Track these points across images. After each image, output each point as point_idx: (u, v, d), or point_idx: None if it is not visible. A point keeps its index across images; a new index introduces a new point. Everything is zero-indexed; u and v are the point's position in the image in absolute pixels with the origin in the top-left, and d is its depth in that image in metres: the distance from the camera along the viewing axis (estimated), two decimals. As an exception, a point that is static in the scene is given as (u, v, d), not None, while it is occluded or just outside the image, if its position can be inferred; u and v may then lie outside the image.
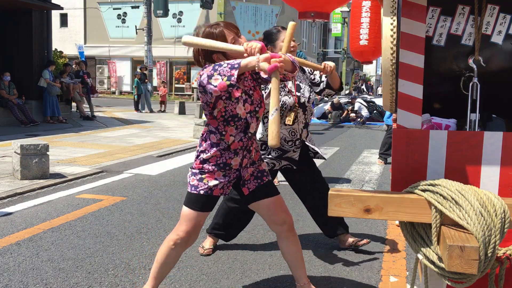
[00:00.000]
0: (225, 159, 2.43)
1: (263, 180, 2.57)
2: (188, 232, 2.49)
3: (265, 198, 2.55)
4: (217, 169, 2.44)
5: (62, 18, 30.87)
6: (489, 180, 1.99)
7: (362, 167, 7.46)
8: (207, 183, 2.44)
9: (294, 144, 3.31)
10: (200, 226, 2.54)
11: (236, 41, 2.39)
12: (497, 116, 2.35)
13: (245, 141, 2.44)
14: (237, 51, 2.31)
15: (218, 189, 2.47)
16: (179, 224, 2.52)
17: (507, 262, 1.80)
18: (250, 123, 2.43)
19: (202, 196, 2.45)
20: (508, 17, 2.18)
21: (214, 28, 2.42)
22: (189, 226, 2.49)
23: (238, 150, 2.44)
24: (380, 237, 3.95)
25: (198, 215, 2.49)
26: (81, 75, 14.09)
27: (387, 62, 2.08)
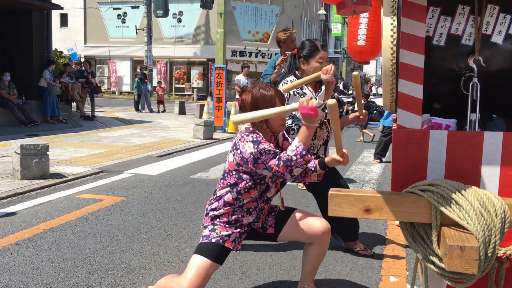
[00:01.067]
0: (237, 217, 2.43)
1: (275, 211, 2.58)
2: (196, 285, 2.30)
3: (288, 220, 2.54)
4: (228, 225, 2.43)
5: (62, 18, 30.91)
6: (489, 180, 1.99)
7: (362, 167, 7.46)
8: (220, 233, 2.42)
9: None
10: (207, 279, 2.36)
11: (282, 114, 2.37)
12: (497, 116, 2.35)
13: (260, 203, 2.46)
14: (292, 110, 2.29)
15: (230, 241, 2.43)
16: (186, 274, 2.34)
17: (507, 262, 1.80)
18: (270, 188, 2.45)
19: (214, 244, 2.41)
20: (508, 17, 2.19)
21: (267, 90, 2.41)
22: (198, 278, 2.30)
23: (251, 210, 2.45)
24: (380, 237, 3.95)
25: (209, 265, 2.35)
26: (86, 75, 14.08)
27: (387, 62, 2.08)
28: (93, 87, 14.42)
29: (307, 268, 2.61)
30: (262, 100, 2.38)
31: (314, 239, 2.51)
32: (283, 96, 2.45)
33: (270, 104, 2.37)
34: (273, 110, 2.27)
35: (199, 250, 2.40)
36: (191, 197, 5.17)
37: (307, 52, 3.26)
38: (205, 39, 27.87)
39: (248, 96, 2.43)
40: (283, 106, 2.38)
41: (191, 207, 4.74)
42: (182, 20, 28.12)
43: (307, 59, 3.25)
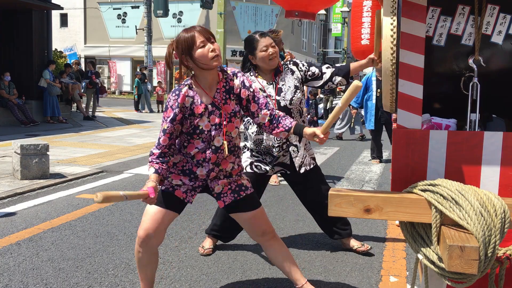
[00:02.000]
0: (190, 166, 2.44)
1: (240, 195, 2.52)
2: (146, 229, 2.40)
3: (243, 212, 2.54)
4: (182, 174, 2.45)
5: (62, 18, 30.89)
6: (489, 180, 1.99)
7: (362, 167, 7.45)
8: (171, 181, 2.46)
9: (281, 148, 3.27)
10: (161, 224, 2.42)
11: (206, 45, 2.29)
12: (497, 116, 2.35)
13: (208, 153, 2.40)
14: None
15: (181, 191, 2.46)
16: (140, 225, 2.46)
17: (507, 262, 1.80)
18: (215, 136, 2.39)
19: (163, 191, 2.45)
20: (508, 17, 2.18)
21: (187, 31, 2.34)
22: (147, 223, 2.40)
23: (200, 161, 2.42)
24: (380, 237, 3.94)
25: (157, 210, 2.41)
26: (90, 76, 14.07)
27: (387, 62, 2.08)
28: (98, 87, 14.41)
29: (284, 271, 2.65)
30: (183, 40, 2.31)
31: (256, 239, 2.64)
32: (206, 31, 2.34)
33: (191, 42, 2.29)
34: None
35: None
36: (191, 197, 5.16)
37: (249, 48, 3.26)
38: (205, 39, 27.83)
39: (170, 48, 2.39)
40: None
41: (191, 207, 4.74)
42: (182, 20, 28.10)
43: (253, 54, 3.24)
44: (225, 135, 2.40)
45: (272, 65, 3.24)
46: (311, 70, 3.34)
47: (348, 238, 3.54)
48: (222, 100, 2.40)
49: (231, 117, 2.42)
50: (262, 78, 3.29)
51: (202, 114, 2.36)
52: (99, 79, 14.85)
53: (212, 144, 2.39)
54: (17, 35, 12.11)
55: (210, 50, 2.29)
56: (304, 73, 3.33)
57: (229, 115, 2.41)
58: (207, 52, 2.28)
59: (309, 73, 3.33)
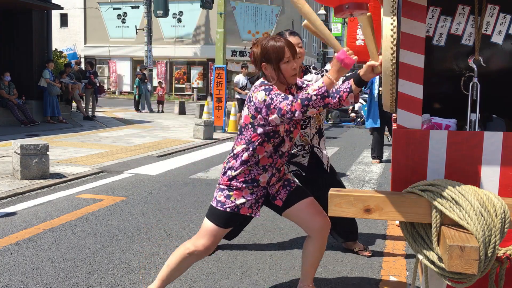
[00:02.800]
0: (253, 175, 2.42)
1: (292, 187, 2.56)
2: (207, 247, 2.48)
3: (300, 202, 2.53)
4: (244, 186, 2.41)
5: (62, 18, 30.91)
6: (489, 180, 1.99)
7: (362, 167, 7.46)
8: (234, 201, 2.41)
9: (303, 148, 3.26)
10: (218, 241, 2.54)
11: (291, 62, 2.35)
12: (497, 116, 2.35)
13: (275, 158, 2.43)
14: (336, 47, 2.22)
15: (246, 208, 2.43)
16: (199, 236, 2.50)
17: (507, 262, 1.80)
18: (284, 142, 2.43)
19: (227, 213, 2.43)
20: (508, 17, 2.18)
21: (276, 41, 2.37)
22: (209, 241, 2.47)
23: (267, 167, 2.43)
24: (380, 237, 3.94)
25: (220, 231, 2.47)
26: (88, 76, 14.07)
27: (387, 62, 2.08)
28: (96, 87, 14.41)
29: (305, 267, 2.63)
30: (272, 49, 2.34)
31: (311, 232, 2.54)
32: (293, 47, 2.38)
33: (281, 54, 2.32)
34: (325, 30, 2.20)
35: (211, 216, 2.47)
36: (191, 197, 5.17)
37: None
38: (205, 39, 27.87)
39: (258, 49, 2.40)
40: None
41: (191, 207, 4.74)
42: (182, 20, 28.12)
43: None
44: (290, 141, 2.47)
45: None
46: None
47: (353, 242, 3.55)
48: None
49: (296, 123, 2.48)
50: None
51: None
52: (97, 78, 14.85)
53: (279, 149, 2.43)
54: (17, 35, 12.11)
55: (292, 68, 2.36)
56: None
57: (295, 122, 2.46)
58: (290, 70, 2.36)
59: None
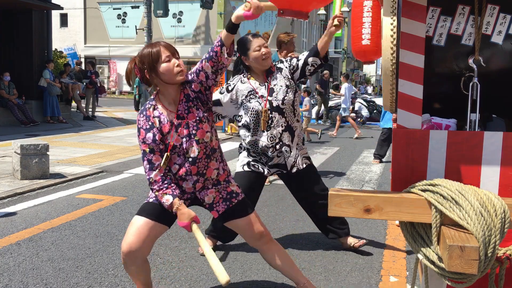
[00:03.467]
0: (176, 181, 2.42)
1: (232, 202, 2.52)
2: (129, 244, 2.31)
3: (237, 219, 2.52)
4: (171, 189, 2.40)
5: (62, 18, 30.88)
6: (489, 180, 1.99)
7: (362, 167, 7.45)
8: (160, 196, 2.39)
9: (275, 149, 3.26)
10: (146, 238, 2.33)
11: (171, 60, 2.31)
12: (497, 116, 2.35)
13: (187, 166, 2.38)
14: None
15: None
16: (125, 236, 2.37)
17: (507, 262, 1.80)
18: (188, 148, 2.36)
19: (150, 203, 2.41)
20: (508, 17, 2.18)
21: (151, 46, 2.34)
22: (131, 237, 2.31)
23: (184, 176, 2.40)
24: (380, 237, 3.94)
25: (142, 222, 2.34)
26: (89, 75, 14.07)
27: (387, 62, 2.08)
28: (97, 87, 14.41)
29: (284, 272, 2.65)
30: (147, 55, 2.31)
31: (253, 244, 2.61)
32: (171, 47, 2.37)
33: (156, 57, 2.29)
34: None
35: (139, 210, 2.43)
36: (191, 197, 5.16)
37: (242, 49, 3.27)
38: (205, 39, 27.85)
39: (131, 63, 2.39)
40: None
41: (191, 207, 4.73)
42: (182, 20, 28.10)
43: (245, 54, 3.26)
44: (198, 143, 2.37)
45: (265, 65, 3.25)
46: (291, 63, 3.33)
47: (345, 237, 3.54)
48: (185, 110, 2.38)
49: (198, 123, 2.38)
50: (255, 79, 3.29)
51: (170, 130, 2.35)
52: (98, 79, 14.85)
53: (188, 156, 2.37)
54: (17, 35, 12.10)
55: (175, 65, 2.31)
56: (288, 68, 3.33)
57: (196, 123, 2.38)
58: (173, 67, 2.31)
59: (291, 67, 3.32)
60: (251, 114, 3.22)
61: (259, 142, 3.25)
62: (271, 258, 2.62)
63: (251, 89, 3.25)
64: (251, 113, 3.22)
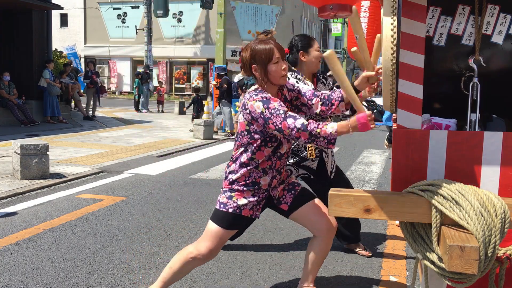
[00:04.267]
0: (254, 178, 2.43)
1: (296, 190, 2.57)
2: (210, 250, 2.47)
3: (305, 204, 2.54)
4: (246, 189, 2.43)
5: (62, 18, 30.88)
6: (489, 180, 1.99)
7: (362, 167, 7.45)
8: (236, 202, 2.43)
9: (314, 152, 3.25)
10: (222, 244, 2.52)
11: (280, 62, 2.36)
12: (497, 116, 2.35)
13: (273, 160, 2.44)
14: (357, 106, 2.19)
15: (248, 209, 2.44)
16: (202, 239, 2.49)
17: (507, 262, 1.80)
18: (282, 144, 2.44)
19: (230, 214, 2.43)
20: (509, 17, 2.18)
21: (265, 43, 2.38)
22: (213, 244, 2.46)
23: (267, 169, 2.43)
24: (380, 237, 3.94)
25: (224, 233, 2.46)
26: (90, 75, 14.06)
27: (387, 62, 2.08)
28: (98, 87, 14.41)
29: (308, 266, 2.64)
30: (260, 51, 2.36)
31: (317, 232, 2.58)
32: (282, 49, 2.41)
33: (269, 56, 2.34)
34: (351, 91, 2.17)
35: (215, 218, 2.47)
36: (191, 197, 5.17)
37: (303, 44, 3.28)
38: (205, 39, 27.86)
39: (246, 52, 2.42)
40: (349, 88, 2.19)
41: (191, 207, 4.74)
42: (182, 20, 28.10)
43: (306, 50, 3.27)
44: (288, 142, 2.47)
45: (318, 67, 3.29)
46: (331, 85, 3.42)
47: (355, 244, 3.55)
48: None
49: None
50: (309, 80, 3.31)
51: None
52: (99, 78, 14.85)
53: (277, 151, 2.43)
54: (17, 35, 12.10)
55: (282, 68, 2.37)
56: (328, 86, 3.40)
57: None
58: (280, 70, 2.37)
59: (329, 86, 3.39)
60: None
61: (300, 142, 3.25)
62: (316, 247, 2.61)
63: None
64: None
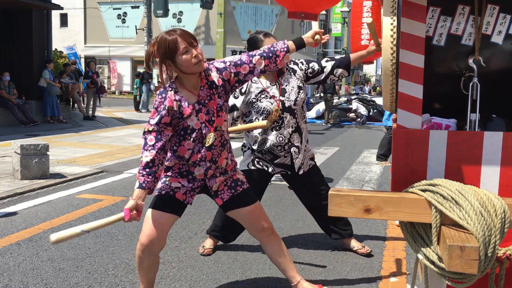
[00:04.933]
0: (187, 167, 2.43)
1: (237, 190, 2.54)
2: (149, 235, 2.39)
3: (241, 208, 2.54)
4: (180, 176, 2.44)
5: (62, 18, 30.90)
6: (489, 180, 1.99)
7: (362, 167, 7.45)
8: (170, 184, 2.44)
9: (283, 149, 3.25)
10: (163, 230, 2.42)
11: (189, 50, 2.28)
12: (497, 116, 2.35)
13: (203, 152, 2.39)
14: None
15: (181, 193, 2.45)
16: (142, 230, 2.44)
17: (507, 262, 1.80)
18: (205, 134, 2.38)
19: (163, 195, 2.43)
20: (508, 17, 2.18)
21: (169, 34, 2.31)
22: (150, 229, 2.39)
23: (197, 162, 2.41)
24: (380, 237, 3.94)
25: (157, 214, 2.40)
26: (91, 75, 14.07)
27: (387, 62, 2.08)
28: (98, 87, 14.41)
29: (280, 268, 2.67)
30: (165, 46, 2.28)
31: (254, 236, 2.63)
32: (188, 35, 2.33)
33: (174, 49, 2.27)
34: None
35: (151, 204, 2.45)
36: (191, 197, 5.16)
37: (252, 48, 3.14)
38: (205, 39, 27.87)
39: (152, 47, 2.35)
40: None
41: (191, 207, 4.74)
42: (182, 20, 28.10)
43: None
44: (216, 130, 2.40)
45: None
46: (311, 67, 3.31)
47: (349, 239, 3.54)
48: (207, 97, 2.40)
49: (218, 111, 2.41)
50: (265, 78, 3.28)
51: (191, 114, 2.35)
52: (99, 78, 14.85)
53: (204, 142, 2.39)
54: (17, 35, 12.10)
55: (193, 56, 2.29)
56: (305, 71, 3.31)
57: (216, 110, 2.40)
58: (190, 58, 2.28)
59: (309, 70, 3.31)
60: (262, 113, 3.21)
61: (267, 141, 3.25)
62: (270, 251, 2.63)
63: (262, 89, 3.24)
64: (263, 112, 3.21)
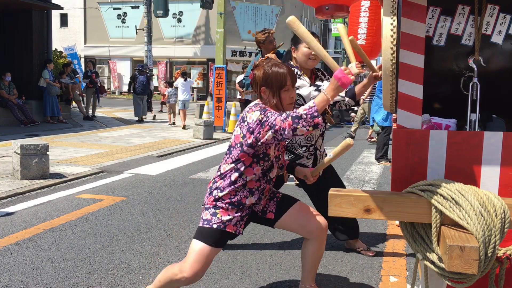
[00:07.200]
0: (240, 197, 2.39)
1: (277, 197, 2.56)
2: (196, 271, 2.34)
3: (290, 209, 2.52)
4: (230, 207, 2.38)
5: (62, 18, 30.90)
6: (489, 180, 1.99)
7: (362, 167, 7.45)
8: (221, 218, 2.37)
9: (308, 150, 3.26)
10: (208, 264, 2.39)
11: (289, 90, 2.37)
12: (497, 116, 2.35)
13: (263, 182, 2.42)
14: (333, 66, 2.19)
15: (231, 225, 2.39)
16: (188, 260, 2.36)
17: (507, 262, 1.80)
18: (273, 167, 2.43)
19: (215, 230, 2.37)
20: (508, 17, 2.18)
21: (278, 67, 2.37)
22: (199, 264, 2.34)
23: (254, 190, 2.40)
24: (380, 237, 3.95)
25: (210, 250, 2.35)
26: (90, 75, 14.07)
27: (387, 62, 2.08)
28: (98, 87, 14.41)
29: (306, 267, 2.61)
30: (274, 76, 2.35)
31: (309, 234, 2.53)
32: (294, 76, 2.41)
33: (282, 82, 2.34)
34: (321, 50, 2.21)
35: (200, 235, 2.38)
36: (191, 197, 5.17)
37: (295, 40, 3.30)
38: (205, 39, 27.87)
39: (260, 71, 2.40)
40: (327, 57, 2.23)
41: (191, 207, 4.74)
42: (182, 20, 28.11)
43: (296, 46, 3.29)
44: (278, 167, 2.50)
45: (309, 65, 3.26)
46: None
47: (355, 240, 3.55)
48: None
49: (283, 151, 2.54)
50: (307, 76, 3.29)
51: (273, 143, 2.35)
52: (98, 78, 14.85)
53: (267, 174, 2.42)
54: (17, 35, 12.11)
55: (290, 96, 2.39)
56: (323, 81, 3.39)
57: (283, 149, 2.54)
58: (288, 98, 2.38)
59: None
60: None
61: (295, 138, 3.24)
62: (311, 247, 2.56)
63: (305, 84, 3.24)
64: None
